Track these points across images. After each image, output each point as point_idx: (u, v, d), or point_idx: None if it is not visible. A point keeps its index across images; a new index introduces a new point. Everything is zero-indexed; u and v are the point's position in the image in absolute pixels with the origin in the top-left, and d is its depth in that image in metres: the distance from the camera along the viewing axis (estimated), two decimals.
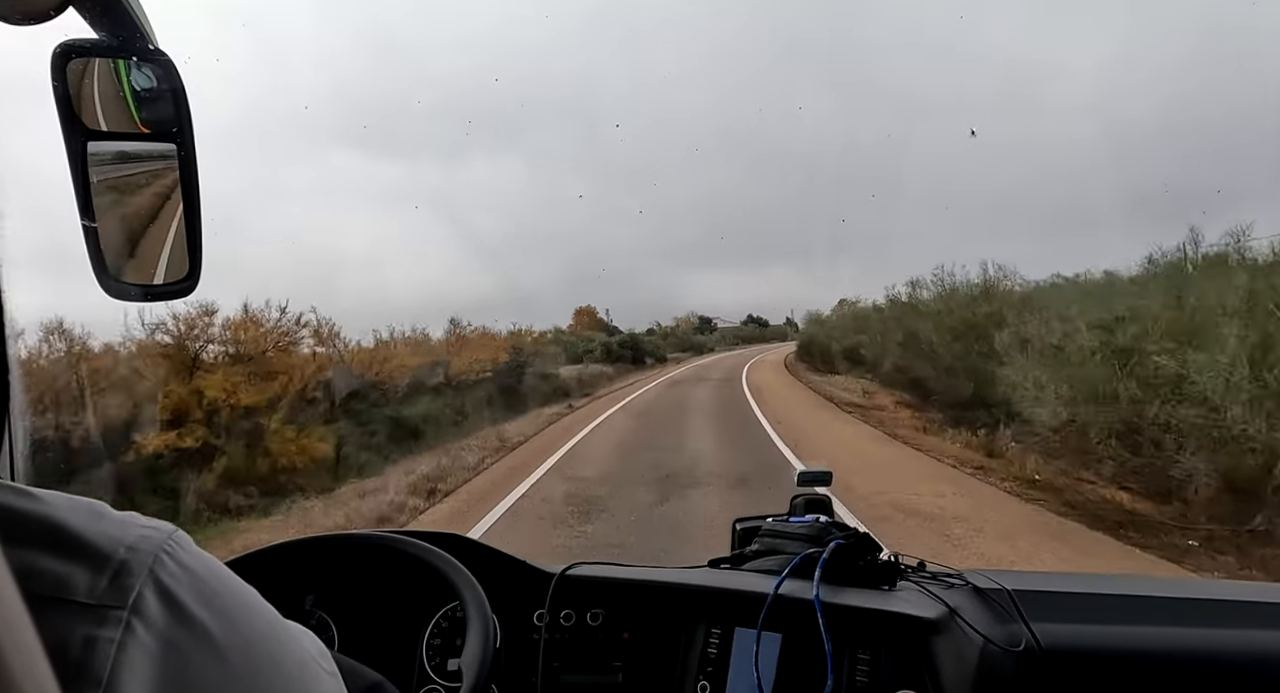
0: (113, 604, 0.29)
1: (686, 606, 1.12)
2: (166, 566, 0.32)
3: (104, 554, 0.30)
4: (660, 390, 20.61)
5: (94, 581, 0.30)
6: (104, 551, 0.30)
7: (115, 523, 0.32)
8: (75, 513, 0.31)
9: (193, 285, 0.68)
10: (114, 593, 0.30)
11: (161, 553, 0.32)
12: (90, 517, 0.32)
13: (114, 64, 0.62)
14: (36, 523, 0.30)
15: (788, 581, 1.06)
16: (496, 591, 0.98)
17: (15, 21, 0.54)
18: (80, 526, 0.31)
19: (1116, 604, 1.18)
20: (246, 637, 0.33)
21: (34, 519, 0.30)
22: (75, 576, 0.29)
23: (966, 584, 1.16)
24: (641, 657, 1.11)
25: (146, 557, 0.31)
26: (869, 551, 1.14)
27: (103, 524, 0.32)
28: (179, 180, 0.66)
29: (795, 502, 1.35)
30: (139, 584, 0.30)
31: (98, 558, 0.30)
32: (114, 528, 0.32)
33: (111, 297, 0.64)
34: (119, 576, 0.30)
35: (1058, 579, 1.35)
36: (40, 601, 0.27)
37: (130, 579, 0.30)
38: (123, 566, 0.30)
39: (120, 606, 0.29)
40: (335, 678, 0.39)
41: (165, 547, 0.32)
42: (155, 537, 0.33)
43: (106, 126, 0.63)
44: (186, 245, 0.67)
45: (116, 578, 0.30)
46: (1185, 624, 1.12)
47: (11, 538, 0.29)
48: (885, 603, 1.06)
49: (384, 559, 1.01)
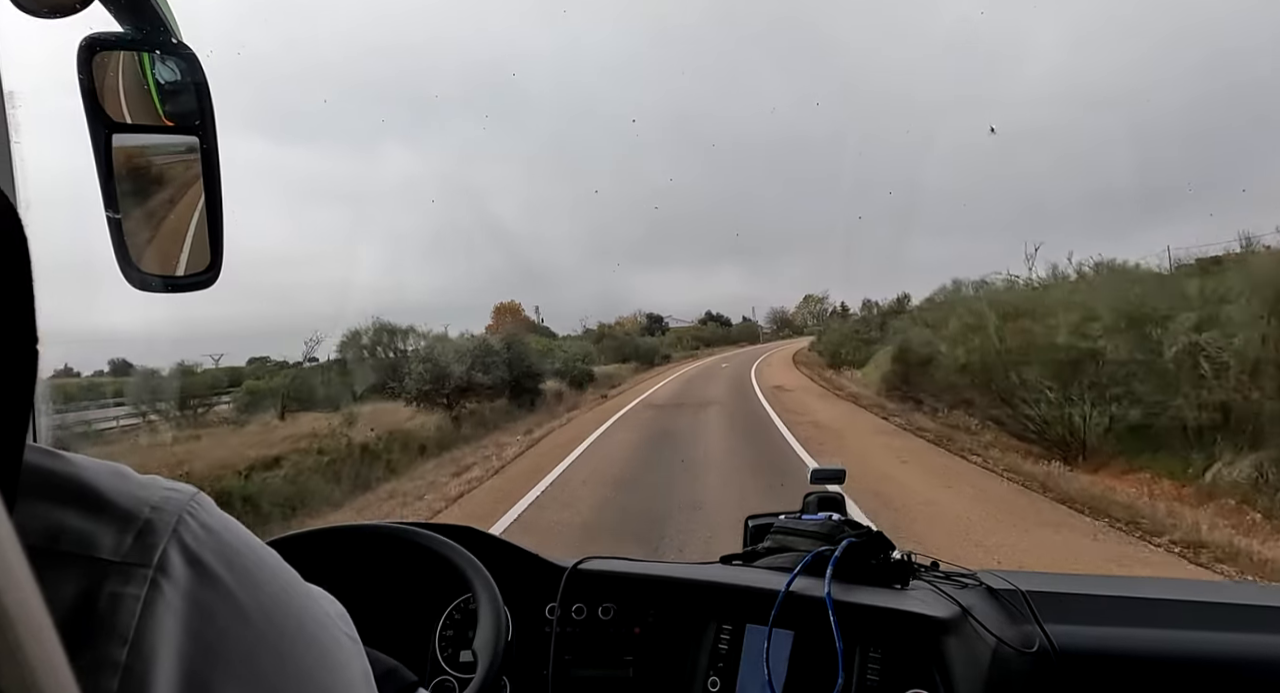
0: (138, 562, 0.30)
1: (698, 601, 1.13)
2: (190, 526, 0.32)
3: (129, 513, 0.31)
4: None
5: (120, 539, 0.30)
6: (129, 510, 0.31)
7: (139, 484, 0.33)
8: (101, 474, 0.32)
9: (214, 277, 0.69)
10: (139, 552, 0.30)
11: (185, 514, 0.32)
12: (115, 477, 0.32)
13: (138, 57, 0.63)
14: (64, 482, 0.30)
15: (799, 578, 1.06)
16: (509, 583, 0.98)
17: (42, 15, 0.55)
18: (106, 485, 0.31)
19: (1132, 607, 1.17)
20: (269, 597, 0.34)
21: (61, 478, 0.31)
22: (101, 534, 0.30)
23: (980, 584, 1.15)
24: (653, 652, 1.11)
25: (170, 517, 0.32)
26: (881, 549, 1.14)
27: (128, 485, 0.32)
28: (201, 173, 0.67)
29: (808, 499, 1.35)
30: (164, 543, 0.31)
31: (123, 517, 0.31)
32: (138, 489, 0.32)
33: (135, 287, 0.65)
34: (144, 534, 0.30)
35: (1073, 581, 1.34)
36: (67, 557, 0.28)
37: (155, 538, 0.31)
38: (147, 525, 0.31)
39: (145, 564, 0.30)
40: (356, 643, 0.39)
41: (188, 508, 0.33)
42: (179, 498, 0.33)
43: (131, 119, 0.64)
44: (209, 238, 0.68)
45: (141, 537, 0.30)
46: (1203, 628, 1.10)
47: (40, 496, 0.29)
48: (897, 602, 1.06)
49: (397, 551, 1.02)
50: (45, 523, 0.29)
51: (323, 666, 0.35)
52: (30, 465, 0.29)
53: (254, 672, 0.31)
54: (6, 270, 0.25)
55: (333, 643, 0.36)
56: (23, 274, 0.26)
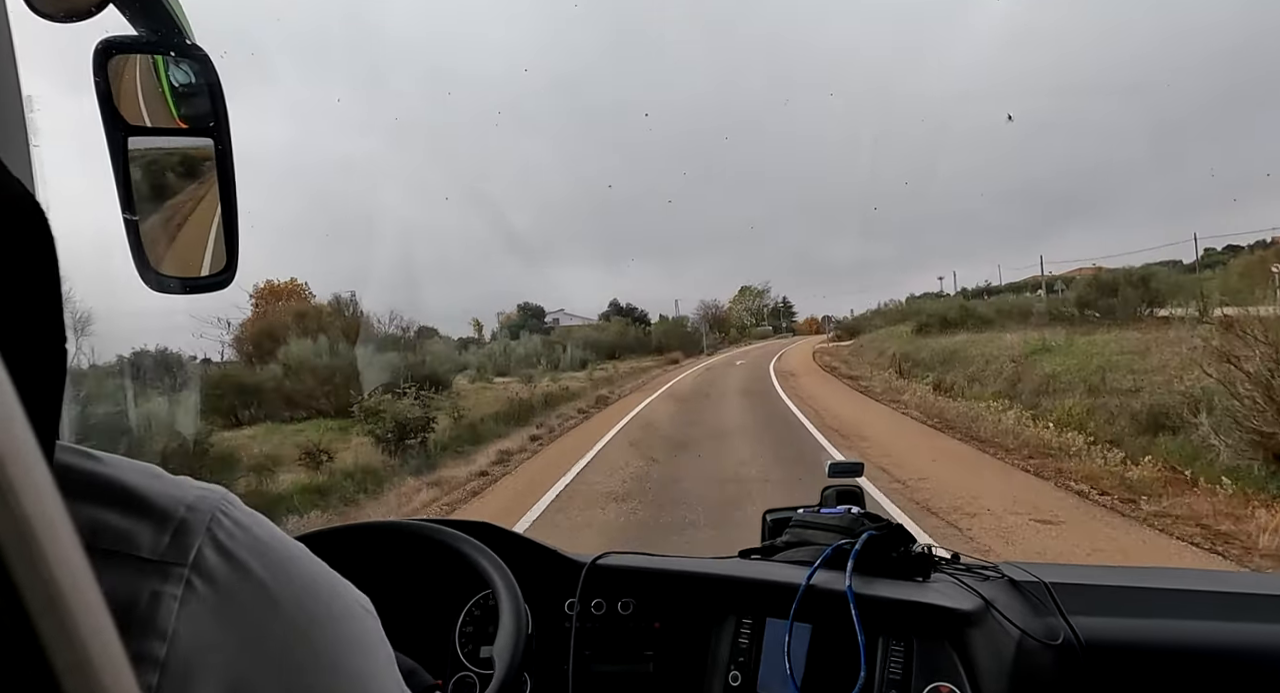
0: (175, 561, 0.31)
1: (717, 596, 1.12)
2: (223, 523, 0.33)
3: (165, 513, 0.32)
4: None
5: (157, 538, 0.31)
6: (165, 509, 0.32)
7: (173, 484, 0.34)
8: (136, 474, 0.33)
9: (230, 278, 0.69)
10: (176, 550, 0.31)
11: (218, 512, 0.33)
12: (149, 478, 0.33)
13: (153, 60, 0.63)
14: (102, 483, 0.32)
15: (819, 572, 1.05)
16: (528, 579, 0.98)
17: (59, 19, 0.55)
18: (142, 486, 0.32)
19: (1157, 598, 1.15)
20: (300, 588, 0.35)
21: (99, 479, 0.32)
22: (140, 533, 0.31)
23: (1002, 577, 1.14)
24: (673, 646, 1.11)
25: (204, 515, 0.33)
26: (902, 542, 1.13)
27: (163, 485, 0.33)
28: (216, 175, 0.67)
29: (826, 493, 1.34)
30: (198, 542, 0.32)
31: (160, 516, 0.32)
32: (173, 488, 0.33)
33: (152, 289, 0.66)
34: (179, 533, 0.32)
35: (1096, 572, 1.32)
36: (108, 556, 0.29)
37: (190, 537, 0.32)
38: (183, 524, 0.32)
39: (182, 562, 0.31)
40: (380, 632, 0.40)
41: (221, 506, 0.34)
42: (211, 497, 0.34)
43: (147, 122, 0.64)
44: (224, 238, 0.68)
45: (177, 536, 0.31)
46: (1229, 619, 1.09)
47: (81, 496, 0.30)
48: (919, 595, 1.05)
49: (417, 548, 1.02)
50: (85, 522, 0.29)
51: (353, 652, 0.36)
52: (68, 466, 0.31)
53: (288, 662, 0.33)
54: (36, 272, 0.26)
55: (361, 630, 0.38)
56: (51, 276, 0.26)
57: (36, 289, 0.26)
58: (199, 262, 0.68)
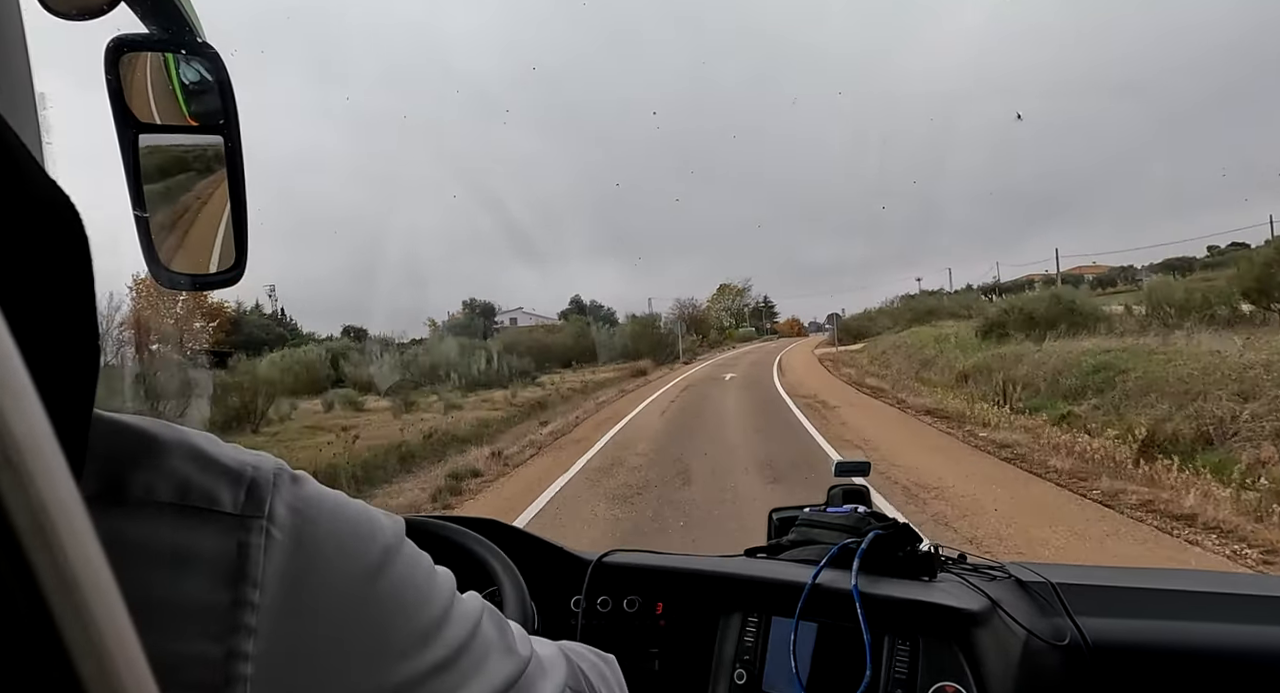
0: (253, 514, 0.34)
1: (723, 594, 1.12)
2: (284, 479, 0.37)
3: (238, 472, 0.35)
4: None
5: (235, 495, 0.34)
6: (237, 469, 0.35)
7: (233, 448, 0.37)
8: (201, 439, 0.36)
9: (239, 275, 0.70)
10: (252, 505, 0.34)
11: (278, 470, 0.37)
12: (212, 443, 0.37)
13: (164, 58, 0.64)
14: (181, 446, 0.35)
15: (825, 571, 1.05)
16: (534, 576, 0.99)
17: (72, 17, 0.56)
18: (211, 448, 0.36)
19: (1165, 600, 1.15)
20: (355, 529, 0.39)
21: (178, 443, 0.35)
22: (220, 491, 0.34)
23: (1009, 577, 1.14)
24: (678, 644, 1.11)
25: (268, 473, 0.36)
26: (908, 541, 1.13)
27: (226, 449, 0.37)
28: (226, 172, 0.68)
29: (832, 492, 1.34)
30: (270, 497, 0.35)
31: (233, 476, 0.35)
32: (235, 452, 0.37)
33: (163, 286, 0.66)
34: (253, 490, 0.35)
35: (1103, 573, 1.32)
36: (200, 513, 0.33)
37: (262, 492, 0.35)
38: (254, 481, 0.35)
39: (259, 515, 0.34)
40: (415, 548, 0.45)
41: (279, 467, 0.37)
42: (267, 458, 0.38)
43: (158, 119, 0.64)
44: (234, 235, 0.68)
45: (251, 491, 0.35)
46: (1238, 621, 1.08)
47: (166, 457, 0.34)
48: (925, 594, 1.05)
49: (422, 543, 1.02)
50: (177, 480, 0.33)
51: (408, 579, 0.41)
52: (149, 432, 0.35)
53: (359, 595, 0.37)
54: (72, 274, 0.27)
55: (411, 554, 0.43)
56: (85, 277, 0.28)
57: (72, 290, 0.27)
58: (208, 258, 0.69)
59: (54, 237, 0.26)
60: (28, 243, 0.25)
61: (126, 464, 0.33)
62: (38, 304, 0.25)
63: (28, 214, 0.25)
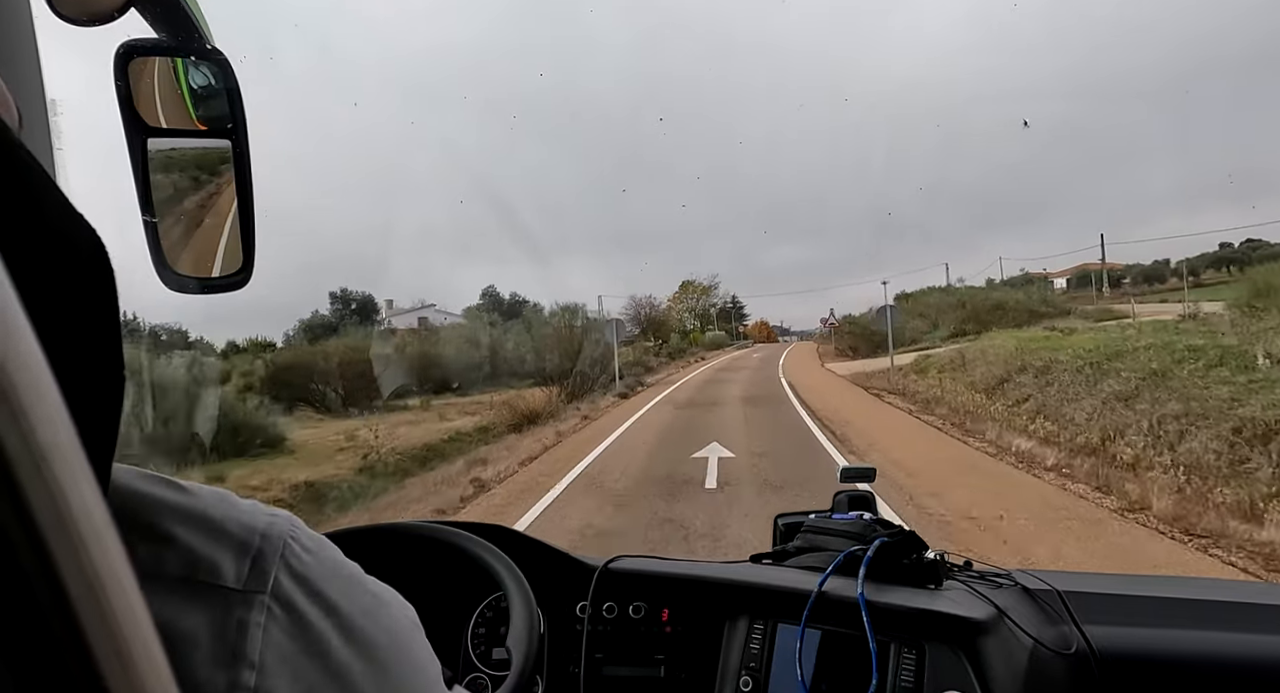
0: (255, 589, 0.33)
1: (729, 601, 1.12)
2: (294, 549, 0.35)
3: (244, 542, 0.34)
4: None
5: (239, 567, 0.33)
6: (243, 538, 0.34)
7: (247, 511, 0.36)
8: (215, 502, 0.35)
9: (246, 278, 0.70)
10: (256, 578, 0.33)
11: (289, 538, 0.35)
12: (225, 505, 0.35)
13: (173, 63, 0.64)
14: (191, 515, 0.33)
15: (831, 578, 1.05)
16: (540, 582, 0.98)
17: (82, 23, 0.56)
18: (221, 515, 0.34)
19: (1172, 608, 1.14)
20: (364, 609, 0.37)
21: (187, 511, 0.33)
22: (224, 562, 0.33)
23: (1015, 585, 1.13)
24: (684, 651, 1.10)
25: (277, 542, 0.35)
26: (914, 549, 1.12)
27: (237, 512, 0.35)
28: (234, 176, 0.68)
29: (838, 498, 1.33)
30: (274, 569, 0.34)
31: (239, 545, 0.33)
32: (247, 516, 0.35)
33: (171, 289, 0.67)
34: (258, 561, 0.33)
35: (1109, 581, 1.31)
36: (201, 587, 0.31)
37: (267, 564, 0.34)
38: (260, 552, 0.34)
39: (262, 590, 0.33)
40: (428, 644, 0.42)
41: (290, 532, 0.36)
42: (280, 523, 0.36)
43: (166, 124, 0.65)
44: (241, 239, 0.69)
45: (255, 564, 0.33)
46: (1244, 630, 1.07)
47: (175, 527, 0.32)
48: (931, 602, 1.04)
49: (429, 550, 1.03)
50: (184, 555, 0.32)
51: (414, 669, 0.38)
52: (161, 498, 0.33)
53: (360, 682, 0.34)
54: (98, 307, 0.27)
55: (419, 646, 0.40)
56: (110, 310, 0.27)
57: (98, 323, 0.27)
58: (215, 262, 0.69)
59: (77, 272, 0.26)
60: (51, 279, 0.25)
61: (136, 535, 0.31)
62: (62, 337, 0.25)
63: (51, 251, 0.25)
